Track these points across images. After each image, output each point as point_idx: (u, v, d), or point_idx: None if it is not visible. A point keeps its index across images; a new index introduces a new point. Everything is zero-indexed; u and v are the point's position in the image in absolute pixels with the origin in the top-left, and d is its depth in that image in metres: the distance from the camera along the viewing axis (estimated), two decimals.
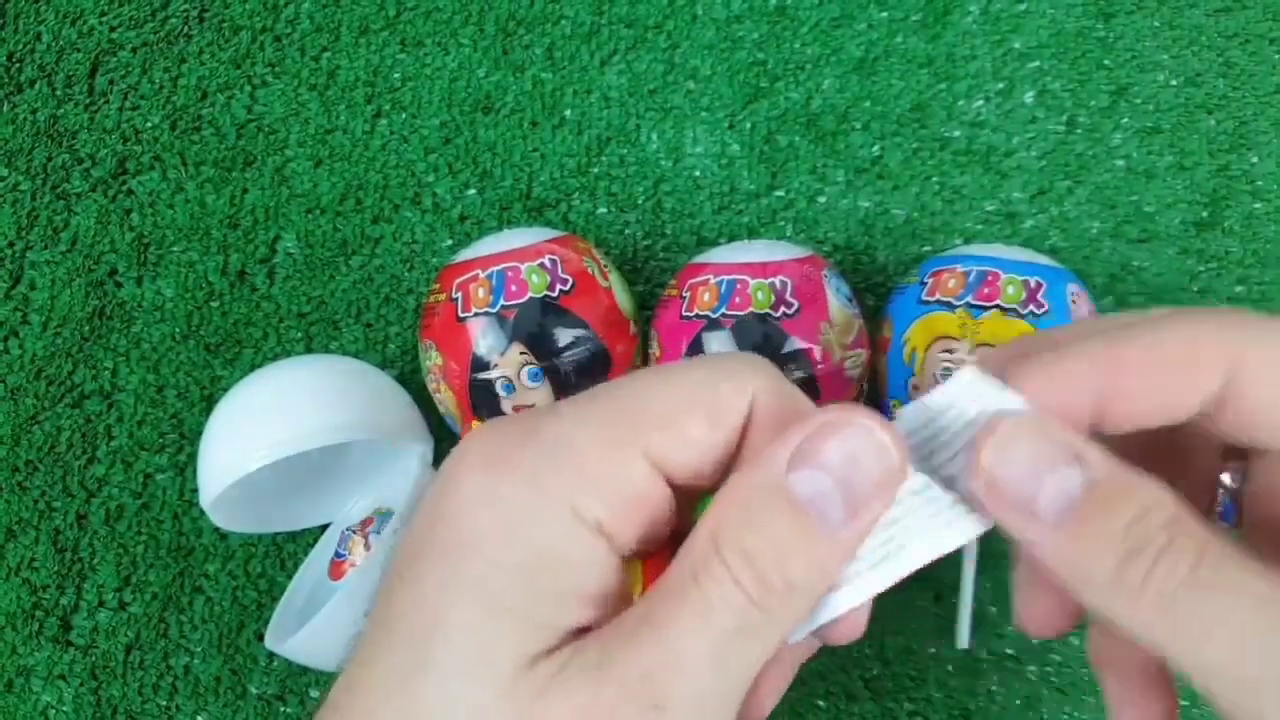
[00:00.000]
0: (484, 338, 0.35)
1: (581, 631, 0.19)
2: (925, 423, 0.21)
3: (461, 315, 0.36)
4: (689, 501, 0.22)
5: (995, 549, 0.40)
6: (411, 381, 0.42)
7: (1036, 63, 0.43)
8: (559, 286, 0.36)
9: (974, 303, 0.34)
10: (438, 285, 0.37)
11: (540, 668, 0.18)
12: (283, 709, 0.40)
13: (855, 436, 0.19)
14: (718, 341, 0.35)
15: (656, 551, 0.22)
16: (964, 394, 0.21)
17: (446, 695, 0.18)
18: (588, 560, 0.19)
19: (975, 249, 0.37)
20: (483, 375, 0.35)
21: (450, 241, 0.43)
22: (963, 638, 0.39)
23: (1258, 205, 0.42)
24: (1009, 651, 0.39)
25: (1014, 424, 0.20)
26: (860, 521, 0.19)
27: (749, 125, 0.43)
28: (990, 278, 0.35)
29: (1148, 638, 0.18)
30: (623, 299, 0.38)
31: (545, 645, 0.18)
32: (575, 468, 0.19)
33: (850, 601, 0.20)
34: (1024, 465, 0.19)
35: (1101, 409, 0.20)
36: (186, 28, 0.46)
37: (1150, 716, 0.23)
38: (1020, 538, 0.20)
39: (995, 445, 0.20)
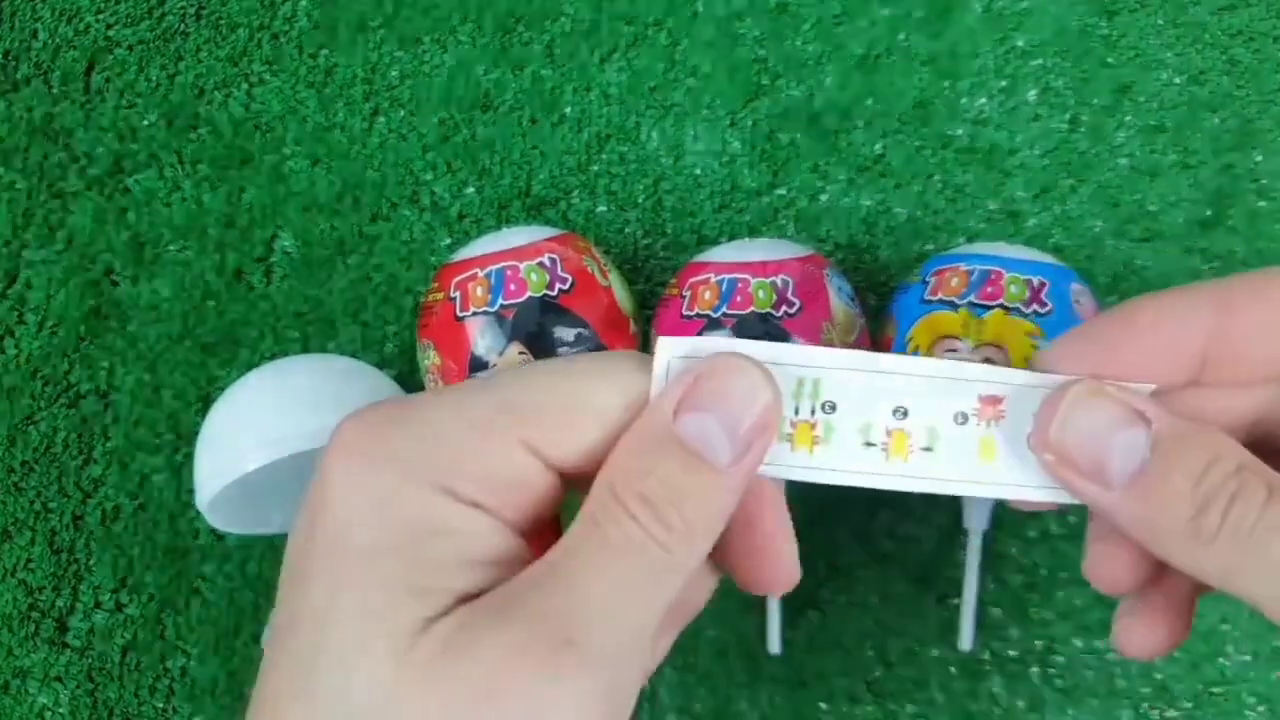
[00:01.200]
0: (482, 337, 0.35)
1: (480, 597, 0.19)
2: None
3: (460, 314, 0.35)
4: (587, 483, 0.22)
5: (997, 550, 0.40)
6: (410, 381, 0.41)
7: (1039, 60, 0.43)
8: (558, 285, 0.35)
9: (977, 302, 0.34)
10: (436, 284, 0.37)
11: (437, 628, 0.18)
12: None
13: (732, 377, 0.20)
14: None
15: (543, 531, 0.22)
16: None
17: (346, 678, 0.18)
18: (467, 529, 0.19)
19: (978, 248, 0.36)
20: (481, 375, 0.35)
21: (448, 240, 0.43)
22: (965, 639, 0.38)
23: (1262, 203, 0.41)
24: (1012, 653, 0.39)
25: (1075, 393, 0.20)
26: (748, 458, 0.20)
27: (750, 123, 0.43)
28: (993, 277, 0.34)
29: (1224, 580, 0.19)
30: (623, 298, 0.37)
31: (439, 609, 0.18)
32: (446, 453, 0.19)
33: (855, 478, 0.21)
34: (1090, 433, 0.20)
35: (1208, 354, 0.21)
36: (183, 25, 0.45)
37: (1161, 634, 0.23)
38: (1093, 505, 0.20)
39: (1060, 417, 0.20)
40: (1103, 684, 0.39)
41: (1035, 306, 0.34)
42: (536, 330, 0.35)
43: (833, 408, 0.21)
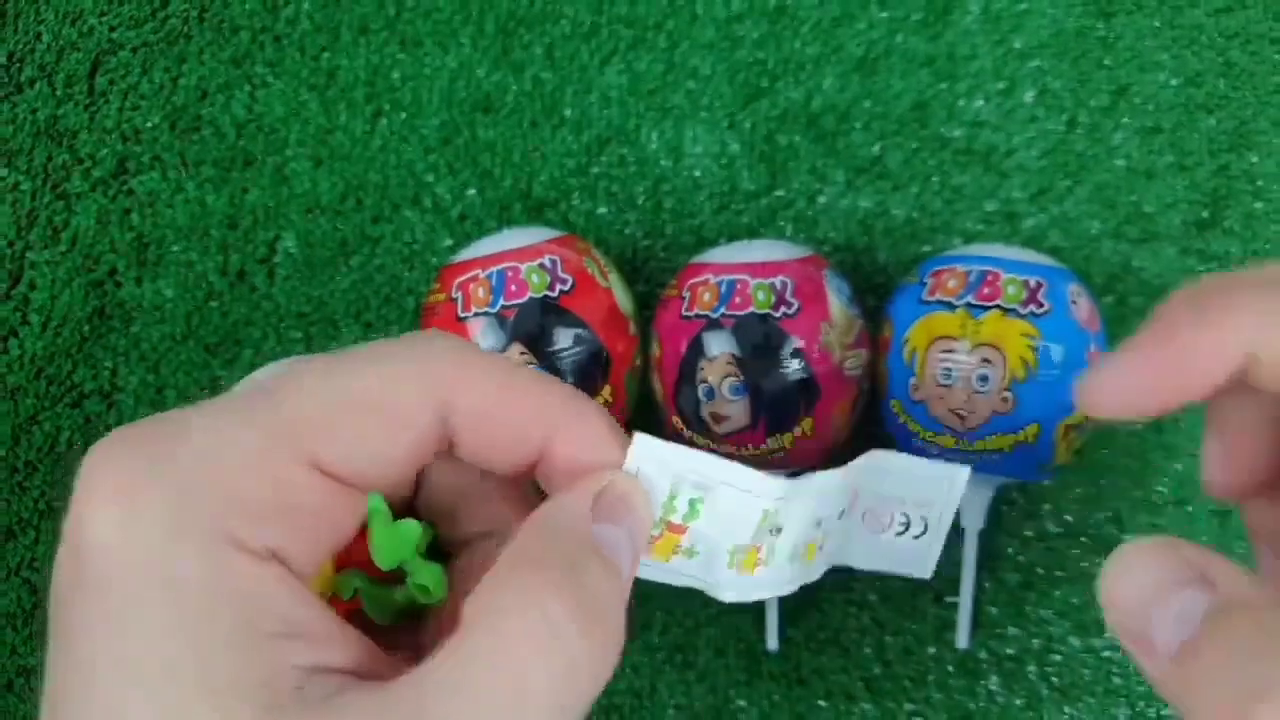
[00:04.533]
0: (484, 338, 0.35)
1: (312, 674, 0.16)
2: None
3: (461, 315, 0.35)
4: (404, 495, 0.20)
5: (995, 549, 0.40)
6: None
7: (1037, 62, 0.43)
8: (559, 286, 0.36)
9: (974, 302, 0.34)
10: (437, 285, 0.37)
11: None
12: None
13: (638, 497, 0.20)
14: (718, 341, 0.35)
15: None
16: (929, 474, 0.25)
17: None
18: (262, 592, 0.16)
19: (975, 249, 0.37)
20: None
21: (450, 241, 0.43)
22: (962, 638, 0.39)
23: (1258, 205, 0.42)
24: (1009, 652, 0.39)
25: (1131, 551, 0.19)
26: (636, 569, 0.20)
27: (749, 125, 0.43)
28: (990, 277, 0.35)
29: None
30: (623, 299, 0.38)
31: (264, 705, 0.15)
32: (226, 489, 0.16)
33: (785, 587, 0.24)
34: (1138, 596, 0.18)
35: (1260, 347, 0.19)
36: (186, 27, 0.46)
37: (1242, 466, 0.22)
38: (1138, 663, 0.18)
39: (1112, 575, 0.19)
40: (1099, 682, 0.39)
41: (1032, 307, 0.34)
42: (537, 331, 0.35)
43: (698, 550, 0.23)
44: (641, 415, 0.38)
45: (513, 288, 0.35)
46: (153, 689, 0.15)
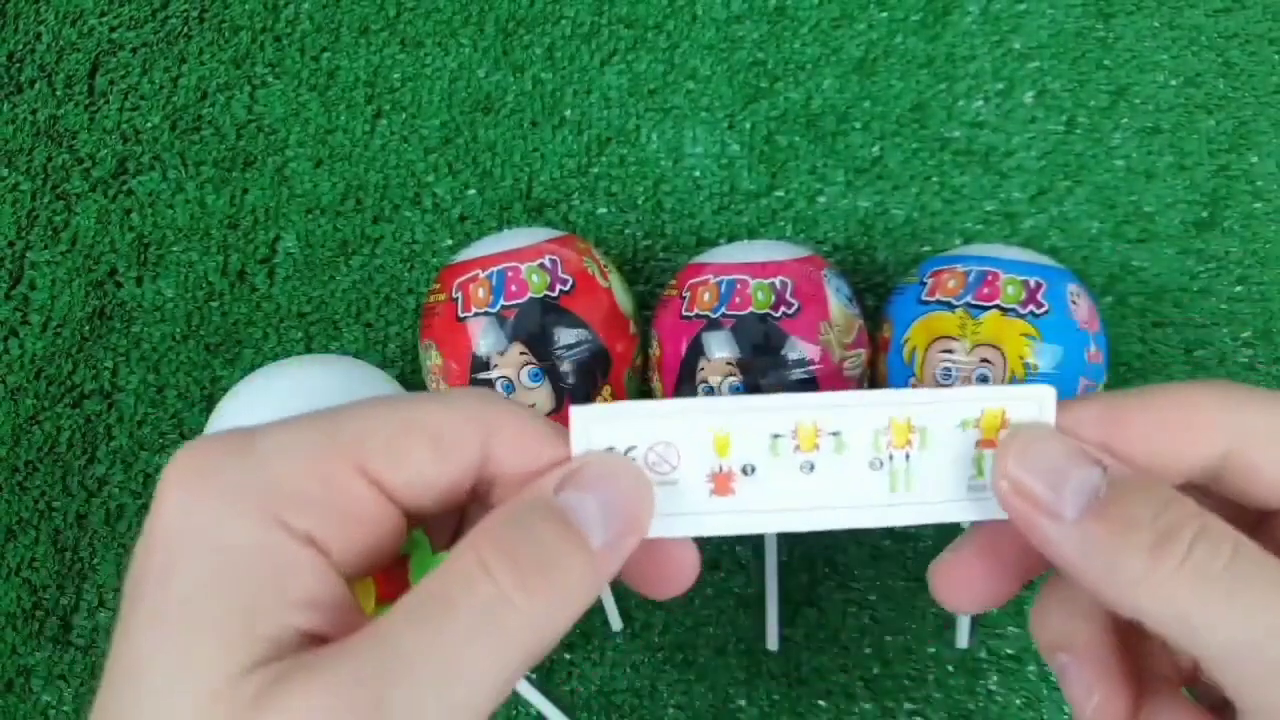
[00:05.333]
0: (484, 338, 0.35)
1: (314, 641, 0.18)
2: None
3: (461, 315, 0.36)
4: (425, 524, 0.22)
5: None
6: (412, 381, 0.42)
7: (1036, 63, 0.43)
8: (559, 286, 0.36)
9: (974, 302, 0.34)
10: (438, 285, 0.37)
11: (254, 677, 0.17)
12: None
13: (620, 470, 0.20)
14: (717, 341, 0.35)
15: (388, 568, 0.22)
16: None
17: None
18: (294, 566, 0.18)
19: (975, 249, 0.37)
20: (483, 375, 0.35)
21: (450, 242, 0.43)
22: (962, 637, 0.39)
23: (1257, 205, 0.42)
24: (1009, 651, 0.39)
25: (1033, 431, 0.21)
26: (619, 549, 0.20)
27: (749, 125, 0.43)
28: (990, 277, 0.35)
29: (1171, 621, 0.19)
30: (623, 299, 0.38)
31: (259, 656, 0.17)
32: (281, 481, 0.19)
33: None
34: (1048, 465, 0.20)
35: (1228, 460, 0.21)
36: (186, 28, 0.46)
37: (1116, 706, 0.22)
38: (1041, 537, 0.20)
39: (1018, 448, 0.20)
40: None
41: (1032, 307, 0.34)
42: (537, 331, 0.35)
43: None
44: None
45: (513, 288, 0.35)
46: (175, 630, 0.17)
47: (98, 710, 0.19)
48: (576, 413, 0.21)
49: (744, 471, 0.22)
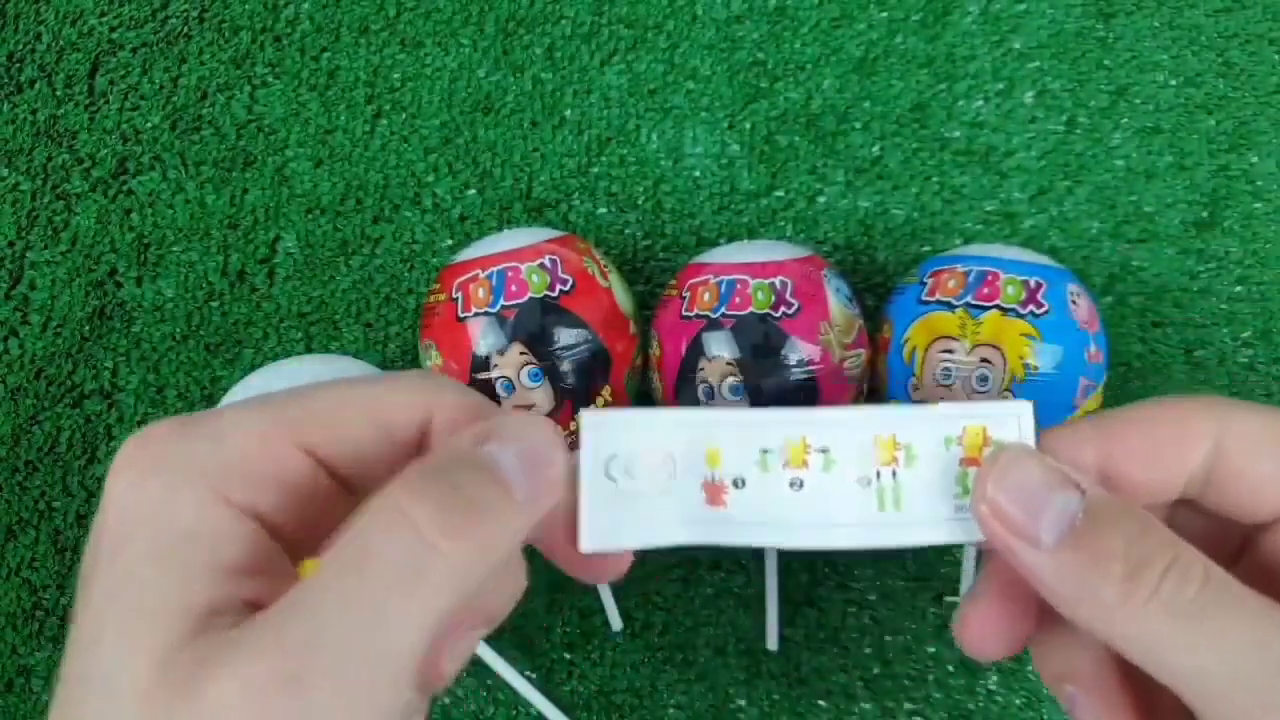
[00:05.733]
0: (484, 338, 0.35)
1: (256, 609, 0.19)
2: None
3: (461, 315, 0.36)
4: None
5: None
6: None
7: (1036, 63, 0.43)
8: (559, 286, 0.36)
9: (974, 303, 0.34)
10: (438, 285, 0.37)
11: (185, 655, 0.18)
12: None
13: (533, 425, 0.20)
14: (717, 341, 0.35)
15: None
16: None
17: (94, 704, 0.18)
18: (232, 536, 0.19)
19: (975, 249, 0.37)
20: (483, 375, 0.35)
21: (450, 241, 0.43)
22: None
23: (1257, 205, 0.42)
24: None
25: (1013, 454, 0.21)
26: (542, 500, 0.20)
27: (749, 125, 0.43)
28: (990, 277, 0.35)
29: (1145, 650, 0.19)
30: (623, 299, 0.38)
31: (195, 625, 0.18)
32: (225, 459, 0.20)
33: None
34: (1024, 490, 0.20)
35: (1212, 473, 0.21)
36: (186, 28, 0.46)
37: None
38: (1020, 561, 0.20)
39: (998, 472, 0.21)
40: None
41: (1032, 307, 0.34)
42: (537, 331, 0.35)
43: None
44: None
45: (513, 288, 0.35)
46: (120, 609, 0.18)
47: (58, 698, 0.19)
48: (587, 418, 0.22)
49: (735, 484, 0.22)
